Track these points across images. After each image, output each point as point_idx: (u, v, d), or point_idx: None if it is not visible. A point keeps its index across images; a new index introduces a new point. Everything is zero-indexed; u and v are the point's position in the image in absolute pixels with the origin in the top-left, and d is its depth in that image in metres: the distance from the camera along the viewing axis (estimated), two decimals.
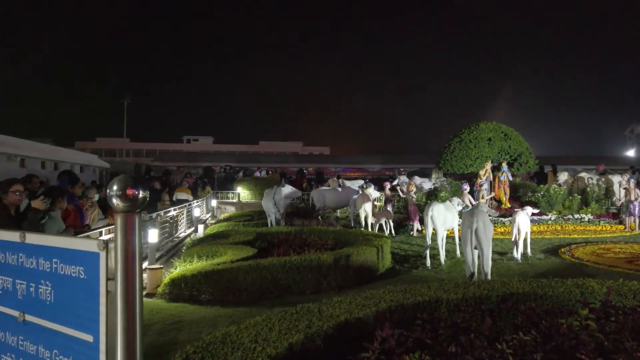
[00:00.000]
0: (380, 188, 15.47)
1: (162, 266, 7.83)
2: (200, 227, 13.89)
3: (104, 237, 6.43)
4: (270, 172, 33.63)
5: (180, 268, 7.82)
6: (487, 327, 3.60)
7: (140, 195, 1.31)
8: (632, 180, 13.39)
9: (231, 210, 20.26)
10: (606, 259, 9.31)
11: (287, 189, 13.37)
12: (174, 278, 7.04)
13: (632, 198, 12.90)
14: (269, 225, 13.07)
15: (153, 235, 8.04)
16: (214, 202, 20.09)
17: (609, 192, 15.33)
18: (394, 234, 13.09)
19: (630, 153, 53.70)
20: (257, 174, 27.95)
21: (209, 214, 18.69)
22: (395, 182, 17.87)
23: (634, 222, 13.02)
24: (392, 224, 13.30)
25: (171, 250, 10.70)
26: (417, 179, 18.45)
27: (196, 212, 14.56)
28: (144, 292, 7.28)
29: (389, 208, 13.78)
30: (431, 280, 7.66)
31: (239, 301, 6.76)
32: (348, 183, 18.10)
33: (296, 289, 7.25)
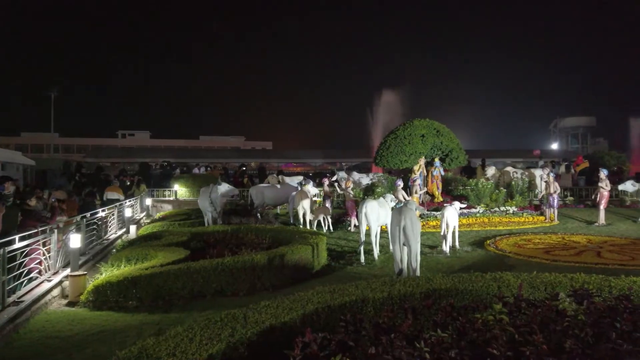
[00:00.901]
0: (322, 183, 15.56)
1: (85, 273, 7.42)
2: (133, 228, 13.37)
3: None
4: (210, 168, 32.93)
5: (106, 274, 7.47)
6: (407, 326, 3.69)
7: None
8: (551, 174, 14.33)
9: (168, 208, 19.63)
10: (526, 250, 9.92)
11: (224, 187, 13.14)
12: (98, 285, 6.70)
13: (552, 191, 13.81)
14: (206, 224, 12.80)
15: (75, 240, 7.60)
16: (148, 201, 19.37)
17: (531, 185, 16.35)
18: (332, 230, 13.25)
19: (554, 146, 57.59)
20: (196, 170, 27.26)
21: (144, 213, 18.00)
22: (334, 178, 18.06)
23: (553, 213, 13.96)
24: (330, 220, 13.44)
25: (99, 254, 10.19)
26: (356, 175, 18.77)
27: (128, 212, 13.96)
28: (66, 301, 6.90)
29: (328, 204, 13.89)
30: (365, 277, 7.83)
31: (169, 307, 6.56)
32: (288, 179, 18.07)
33: (229, 291, 7.15)
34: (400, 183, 12.54)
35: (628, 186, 14.15)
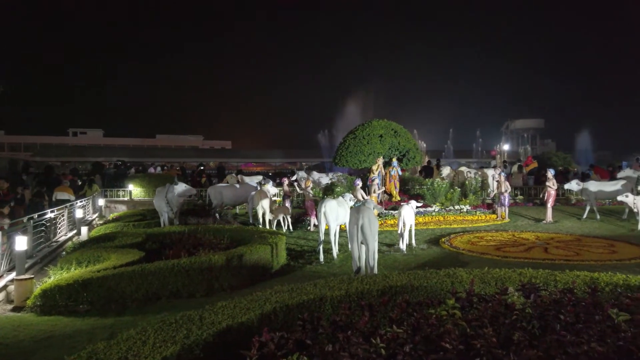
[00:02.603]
0: (282, 183, 15.53)
1: (32, 276, 7.09)
2: (84, 230, 12.89)
3: None
4: (166, 167, 32.16)
5: (55, 277, 7.17)
6: (363, 323, 3.74)
7: None
8: (502, 174, 14.89)
9: (122, 209, 19.02)
10: (479, 247, 10.28)
11: (181, 187, 12.87)
12: (46, 289, 6.42)
13: (503, 190, 14.35)
14: (162, 225, 12.50)
15: (21, 243, 7.24)
16: (101, 201, 18.71)
17: (484, 184, 16.93)
18: (291, 230, 13.24)
19: (506, 147, 59.85)
20: (152, 169, 26.56)
21: (96, 214, 17.37)
22: (294, 178, 18.07)
23: (504, 211, 14.51)
24: (289, 219, 13.43)
25: (48, 257, 9.75)
26: (315, 174, 18.84)
27: (79, 213, 13.43)
28: (11, 307, 6.57)
29: (287, 204, 13.87)
30: (324, 275, 7.88)
31: (122, 310, 6.36)
32: (247, 179, 17.91)
33: (186, 292, 7.02)
34: (359, 182, 12.69)
35: (573, 185, 14.86)
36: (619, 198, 12.77)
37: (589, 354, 3.19)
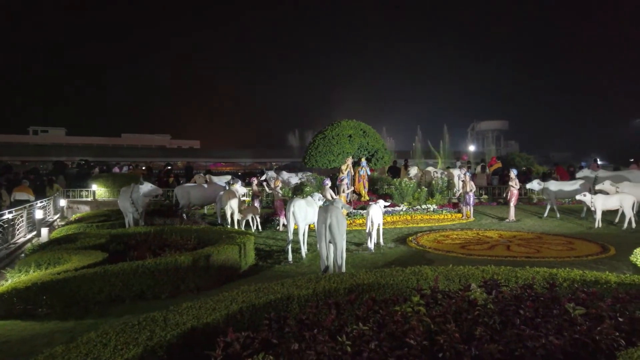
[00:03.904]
0: (251, 183, 15.43)
1: None
2: (44, 231, 12.45)
3: None
4: (132, 167, 31.43)
5: (13, 280, 6.90)
6: (330, 321, 3.76)
7: None
8: (468, 174, 15.24)
9: (85, 209, 18.46)
10: (445, 245, 10.48)
11: (146, 187, 12.60)
12: (2, 292, 6.16)
13: (468, 189, 14.69)
14: (127, 225, 12.21)
15: None
16: (63, 202, 18.11)
17: (450, 184, 17.28)
18: (260, 230, 13.17)
19: (472, 148, 61.28)
20: (116, 169, 25.91)
21: (57, 215, 16.80)
22: (263, 178, 17.96)
23: (470, 210, 14.85)
24: (259, 219, 13.35)
25: (5, 259, 9.37)
26: (285, 174, 18.77)
27: (39, 214, 12.96)
28: None
29: (257, 204, 13.78)
30: (293, 275, 7.85)
31: (84, 313, 6.18)
32: (215, 179, 17.69)
33: (151, 294, 6.87)
34: (328, 182, 12.72)
35: (534, 185, 15.35)
36: (578, 197, 13.26)
37: (546, 347, 3.30)
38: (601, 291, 4.43)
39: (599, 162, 23.79)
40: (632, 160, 21.06)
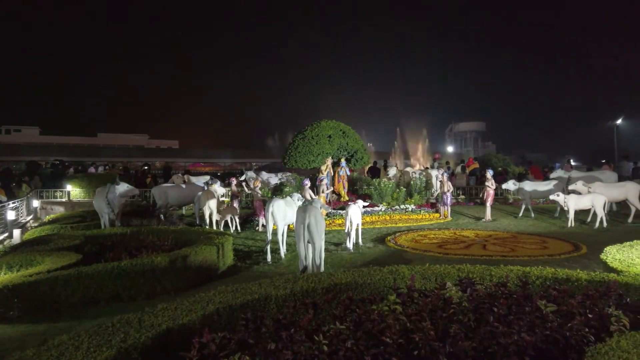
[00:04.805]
0: (230, 183, 15.32)
1: None
2: (17, 232, 12.17)
3: None
4: (108, 167, 30.89)
5: None
6: (306, 320, 3.76)
7: None
8: (445, 174, 15.44)
9: (60, 210, 18.06)
10: (422, 245, 10.59)
11: (123, 187, 12.40)
12: None
13: (446, 190, 14.88)
14: (102, 226, 12.00)
15: None
16: (36, 203, 17.68)
17: (428, 184, 17.47)
18: (239, 230, 13.10)
19: (450, 149, 62.11)
20: (92, 169, 25.42)
21: (31, 217, 16.40)
22: (242, 178, 17.85)
23: (447, 210, 15.05)
24: (237, 220, 13.28)
25: None
26: (264, 174, 18.71)
27: (11, 215, 12.63)
28: None
29: (235, 204, 13.70)
30: (271, 275, 7.83)
31: (57, 316, 6.05)
32: (194, 179, 17.50)
33: (127, 296, 6.77)
34: (308, 182, 12.73)
35: (510, 185, 15.64)
36: (551, 197, 13.56)
37: (518, 343, 3.38)
38: (572, 289, 4.55)
39: (572, 163, 24.39)
40: (603, 161, 21.67)
